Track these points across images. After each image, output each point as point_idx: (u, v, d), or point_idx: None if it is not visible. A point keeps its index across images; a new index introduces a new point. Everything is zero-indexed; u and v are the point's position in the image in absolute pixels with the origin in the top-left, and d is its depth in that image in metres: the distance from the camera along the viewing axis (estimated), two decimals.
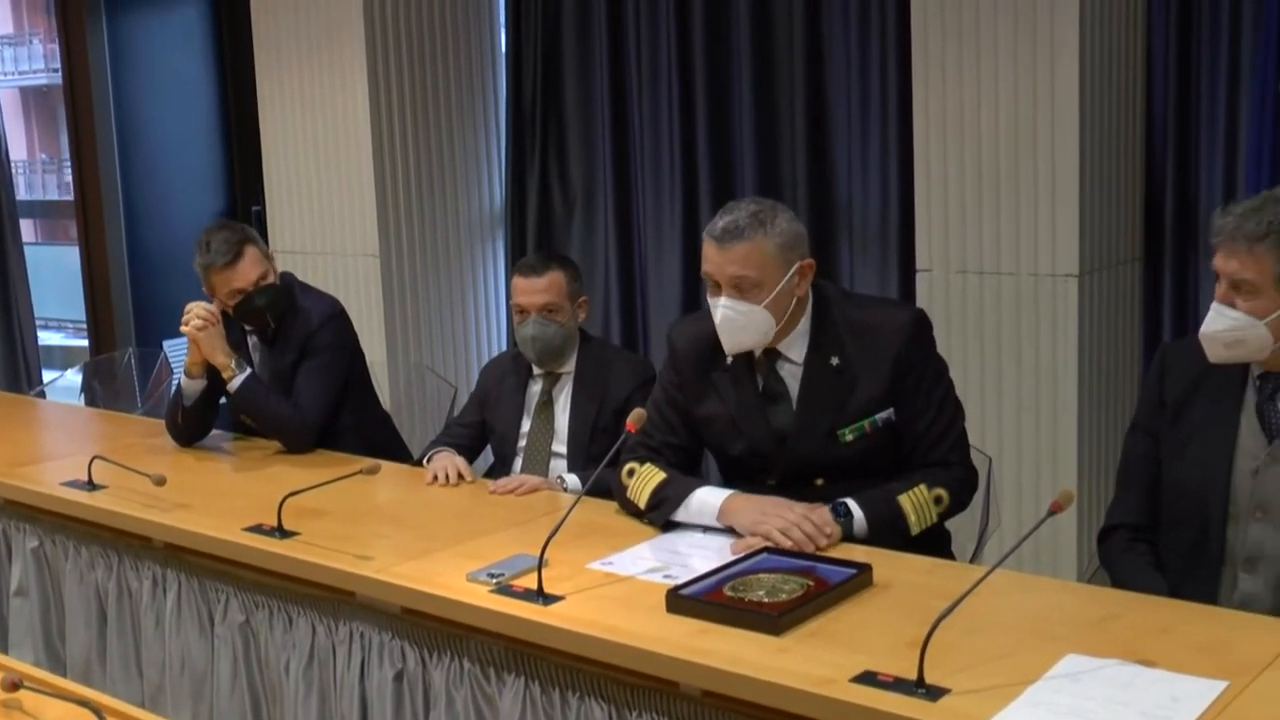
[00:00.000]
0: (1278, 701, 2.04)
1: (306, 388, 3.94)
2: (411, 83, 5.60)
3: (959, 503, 3.03)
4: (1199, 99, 4.33)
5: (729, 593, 2.52)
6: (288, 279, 4.09)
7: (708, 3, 5.22)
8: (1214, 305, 2.60)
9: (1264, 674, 2.13)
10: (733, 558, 2.74)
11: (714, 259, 2.95)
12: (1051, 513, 2.27)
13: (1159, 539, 2.78)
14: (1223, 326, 2.57)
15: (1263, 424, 2.63)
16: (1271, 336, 2.55)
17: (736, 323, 2.93)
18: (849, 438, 2.98)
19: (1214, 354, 2.61)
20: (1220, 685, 2.08)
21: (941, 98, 4.25)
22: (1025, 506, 4.12)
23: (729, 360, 3.07)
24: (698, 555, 2.81)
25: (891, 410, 2.99)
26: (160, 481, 3.37)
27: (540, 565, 2.61)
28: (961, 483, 3.04)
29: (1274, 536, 2.59)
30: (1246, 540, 2.62)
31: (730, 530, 2.91)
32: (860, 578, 2.57)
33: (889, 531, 2.89)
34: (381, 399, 4.42)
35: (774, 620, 2.37)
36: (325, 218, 5.74)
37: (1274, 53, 3.87)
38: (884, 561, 2.69)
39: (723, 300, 2.93)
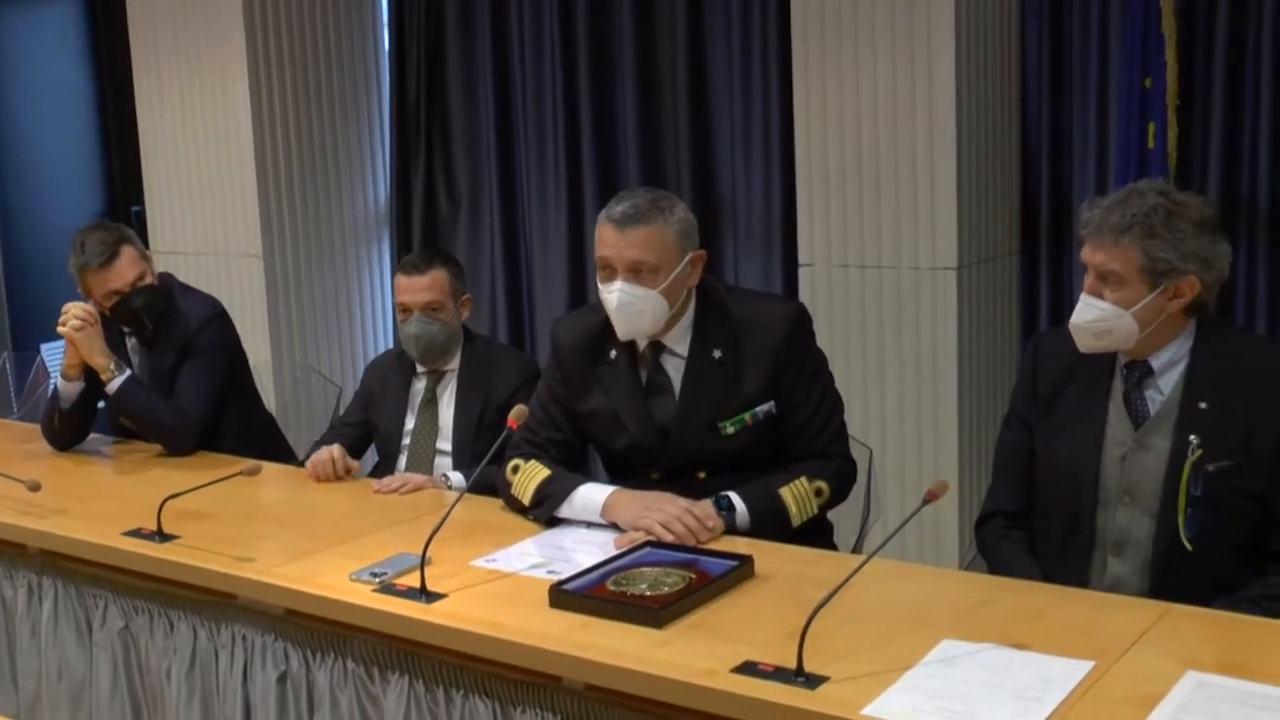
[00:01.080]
0: (1140, 678, 2.09)
1: (187, 389, 3.88)
2: (293, 80, 5.54)
3: (839, 494, 3.08)
4: (1071, 96, 4.45)
5: (612, 587, 2.54)
6: (167, 280, 4.02)
7: (590, 0, 5.23)
8: (1083, 297, 2.67)
9: (1129, 653, 2.19)
10: (616, 552, 2.75)
11: (613, 242, 2.95)
12: (926, 501, 2.32)
13: (1033, 525, 2.85)
14: (1091, 317, 2.64)
15: (1130, 412, 2.70)
16: (1138, 326, 2.62)
17: (633, 307, 2.94)
18: (730, 430, 3.01)
19: (1084, 344, 2.68)
20: (1088, 665, 2.14)
21: (822, 95, 4.31)
22: (908, 496, 4.19)
23: (613, 354, 3.09)
24: (581, 550, 2.82)
25: (772, 403, 3.03)
26: (35, 487, 3.30)
27: (423, 563, 2.60)
28: (842, 475, 3.08)
29: (1141, 521, 2.66)
30: (1115, 525, 2.69)
31: (615, 525, 2.92)
32: (742, 569, 2.60)
33: (771, 523, 2.93)
34: (266, 400, 4.37)
35: (656, 613, 2.39)
36: (207, 218, 5.66)
37: (1139, 51, 3.97)
38: (766, 553, 2.73)
39: (619, 284, 2.94)
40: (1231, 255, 2.74)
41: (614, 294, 2.95)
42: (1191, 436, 2.60)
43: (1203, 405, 2.62)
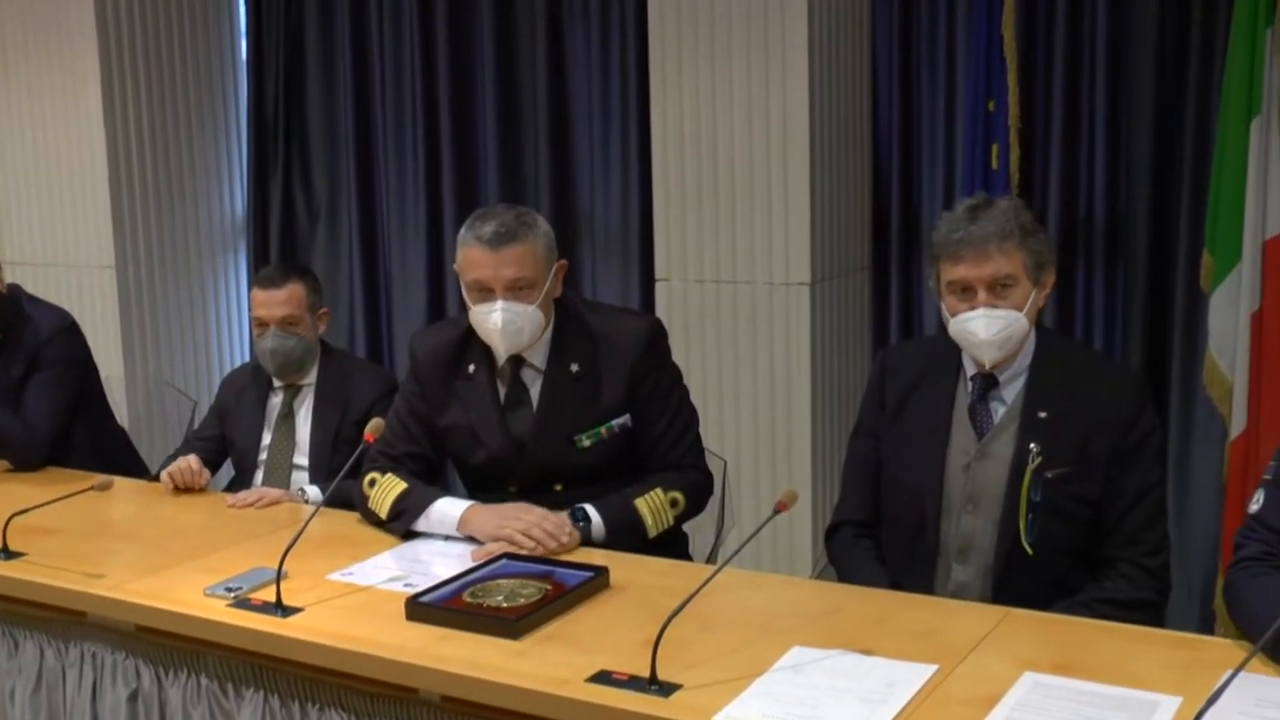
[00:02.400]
0: (981, 680, 2.17)
1: (35, 403, 3.80)
2: (148, 87, 5.44)
3: (694, 506, 3.13)
4: (920, 118, 4.59)
5: (468, 599, 2.55)
6: (14, 291, 3.93)
7: (451, 10, 5.24)
8: (980, 311, 2.68)
9: (970, 656, 2.27)
10: (473, 564, 2.76)
11: (487, 263, 2.96)
12: (776, 511, 2.38)
13: (881, 534, 2.93)
14: (1000, 326, 2.68)
15: (973, 422, 2.80)
16: (1029, 326, 2.71)
17: (516, 324, 2.97)
18: (587, 443, 3.05)
19: (990, 357, 2.71)
20: (931, 669, 2.21)
21: (679, 113, 4.37)
22: (762, 507, 4.24)
23: (472, 368, 3.11)
24: (439, 562, 2.83)
25: (628, 416, 3.07)
26: None
27: (279, 577, 2.59)
28: (697, 486, 3.14)
29: (984, 528, 2.76)
30: (959, 532, 2.78)
31: (472, 539, 2.94)
32: (597, 580, 2.63)
33: (627, 535, 2.97)
34: (119, 414, 4.29)
35: (512, 624, 2.41)
36: (57, 228, 5.52)
37: (983, 75, 4.11)
38: (621, 564, 2.76)
39: (500, 304, 2.95)
40: (1058, 267, 2.85)
41: (496, 313, 2.95)
42: (1032, 445, 2.71)
43: (1042, 414, 2.73)
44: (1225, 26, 3.89)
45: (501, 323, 2.95)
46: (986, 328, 2.68)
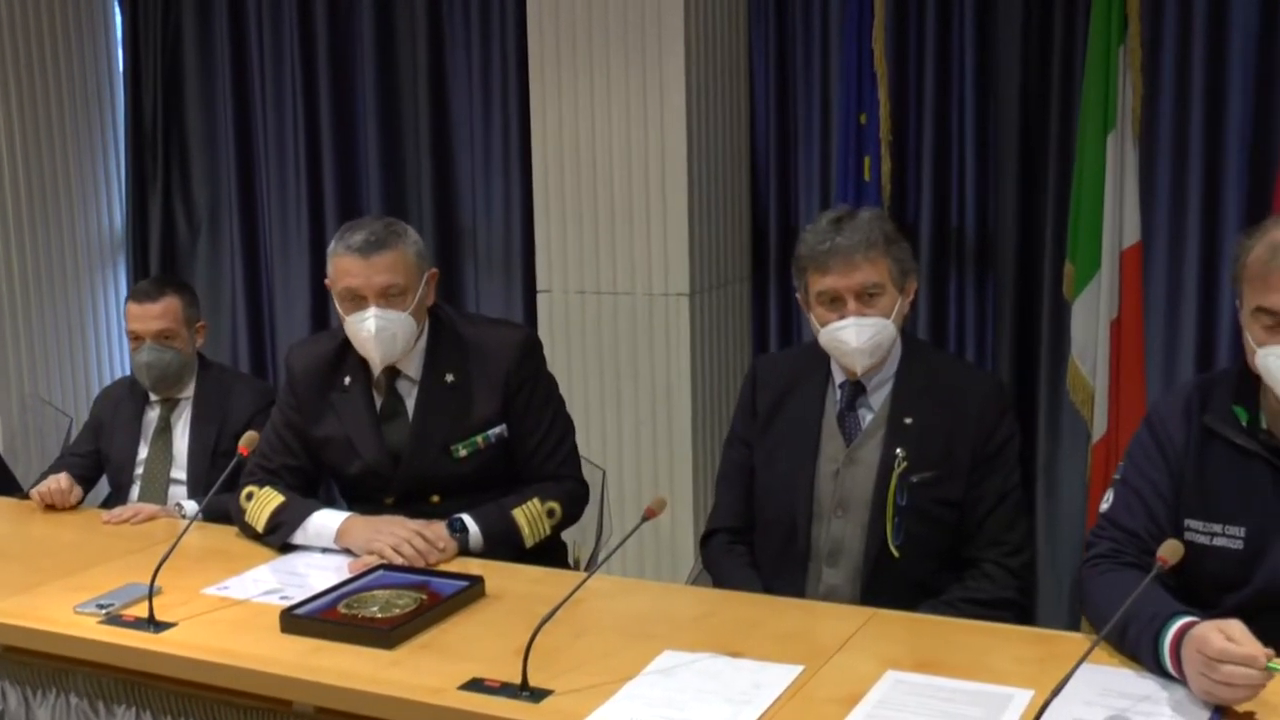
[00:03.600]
0: (845, 679, 2.23)
1: None
2: (20, 99, 5.35)
3: (571, 515, 3.17)
4: (796, 131, 4.68)
5: (343, 610, 2.56)
6: None
7: (331, 24, 5.24)
8: (850, 320, 2.74)
9: (835, 656, 2.33)
10: (349, 576, 2.77)
11: (359, 271, 2.97)
12: (645, 518, 2.42)
13: (754, 540, 2.99)
14: (871, 334, 2.75)
15: (842, 429, 2.87)
16: (895, 332, 2.79)
17: (389, 331, 2.98)
18: (463, 453, 3.07)
19: (861, 365, 2.78)
20: (797, 669, 2.27)
21: (558, 125, 4.42)
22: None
23: (348, 380, 3.12)
24: (316, 575, 2.83)
25: (504, 426, 3.10)
26: None
27: (151, 593, 2.58)
28: (573, 496, 3.17)
29: (853, 532, 2.83)
30: (829, 536, 2.85)
31: (350, 551, 2.95)
32: (472, 589, 2.66)
33: (504, 544, 3.00)
34: None
35: (386, 634, 2.42)
36: None
37: (854, 89, 4.20)
38: (497, 573, 2.79)
39: (373, 311, 2.97)
40: (929, 277, 2.94)
41: (370, 320, 2.97)
42: (898, 450, 2.78)
43: (908, 420, 2.80)
44: (1084, 44, 4.03)
45: (375, 329, 2.96)
46: (857, 336, 2.74)
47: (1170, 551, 2.10)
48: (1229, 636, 2.02)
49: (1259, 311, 2.22)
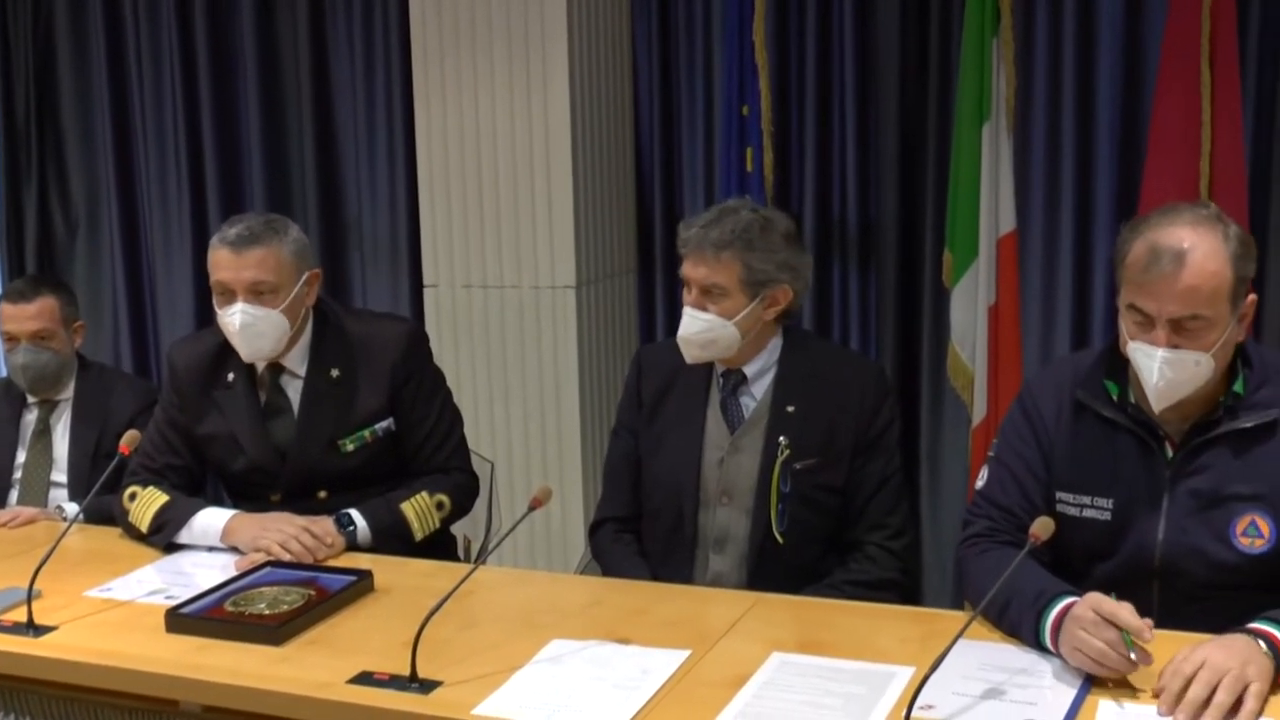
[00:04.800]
0: (731, 662, 2.27)
1: None
2: None
3: (460, 507, 3.17)
4: (680, 123, 4.72)
5: (230, 608, 2.54)
6: None
7: (211, 18, 5.16)
8: (687, 310, 2.85)
9: (722, 640, 2.37)
10: (236, 574, 2.75)
11: (230, 265, 2.95)
12: (531, 509, 2.43)
13: (642, 528, 3.02)
14: (698, 329, 2.82)
15: (726, 417, 2.91)
16: (739, 334, 2.82)
17: (255, 328, 2.95)
18: (350, 448, 3.06)
19: (690, 355, 2.86)
20: (684, 654, 2.30)
21: (442, 121, 4.41)
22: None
23: (231, 377, 3.09)
24: (202, 574, 2.81)
25: (391, 420, 3.10)
26: None
27: (30, 596, 2.53)
28: (462, 488, 3.18)
29: (738, 519, 2.87)
30: (715, 524, 2.89)
31: (237, 549, 2.92)
32: (361, 584, 2.65)
33: (393, 539, 2.99)
34: None
35: (274, 631, 2.41)
36: None
37: (736, 81, 4.25)
38: (387, 567, 2.79)
39: (240, 305, 2.94)
40: (814, 266, 2.99)
41: (235, 316, 2.95)
42: (781, 438, 2.83)
43: (790, 409, 2.85)
44: (960, 37, 4.11)
45: (239, 325, 2.94)
46: (687, 326, 2.83)
47: (1042, 528, 2.16)
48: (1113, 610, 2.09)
49: (1133, 309, 2.30)
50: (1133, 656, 2.06)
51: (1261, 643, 2.05)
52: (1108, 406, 2.43)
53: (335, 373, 3.07)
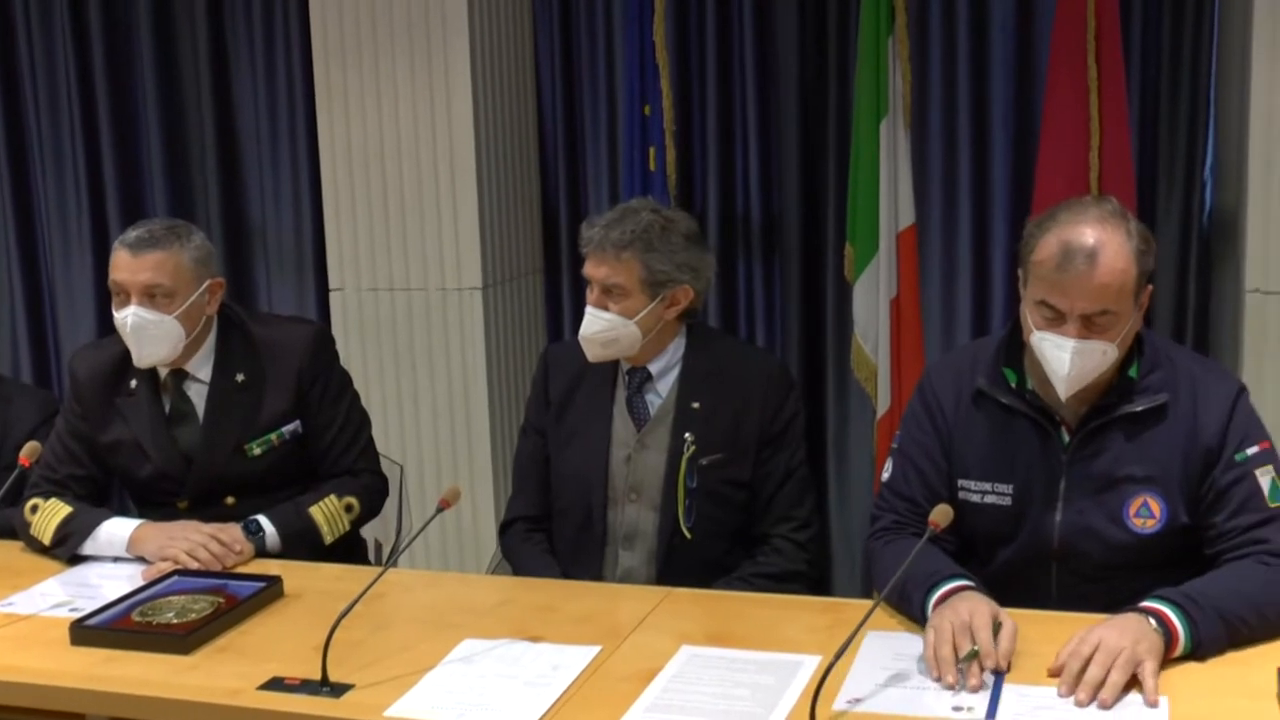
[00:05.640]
0: (641, 656, 2.30)
1: None
2: None
3: (370, 510, 3.17)
4: (584, 123, 4.74)
5: (137, 618, 2.53)
6: None
7: (107, 21, 5.07)
8: (588, 309, 2.88)
9: (632, 635, 2.40)
10: (143, 584, 2.73)
11: (126, 266, 2.94)
12: (439, 509, 2.44)
13: (552, 526, 3.04)
14: (599, 328, 2.85)
15: (632, 415, 2.94)
16: (641, 333, 2.85)
17: (146, 332, 2.93)
18: (257, 451, 3.05)
19: (592, 353, 2.89)
20: (594, 650, 2.33)
21: (345, 123, 4.39)
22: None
23: (134, 383, 3.06)
24: (109, 585, 2.78)
25: (298, 423, 3.09)
26: None
27: None
28: (371, 490, 3.17)
29: (647, 515, 2.90)
30: (624, 520, 2.92)
31: (144, 559, 2.89)
32: (270, 590, 2.64)
33: (303, 543, 2.98)
34: None
35: (182, 639, 2.40)
36: None
37: (637, 81, 4.28)
38: (296, 572, 2.78)
39: (133, 308, 2.92)
40: (717, 266, 3.03)
41: (128, 317, 2.93)
42: (687, 434, 2.87)
43: (695, 405, 2.89)
44: (857, 35, 4.17)
45: (131, 326, 2.93)
46: (588, 325, 2.86)
47: (940, 515, 2.22)
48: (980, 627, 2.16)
49: (1043, 305, 2.35)
50: (959, 668, 2.11)
51: (1152, 620, 2.12)
52: (1006, 394, 2.50)
53: (241, 377, 3.05)
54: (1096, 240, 2.29)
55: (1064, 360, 2.32)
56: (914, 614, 2.35)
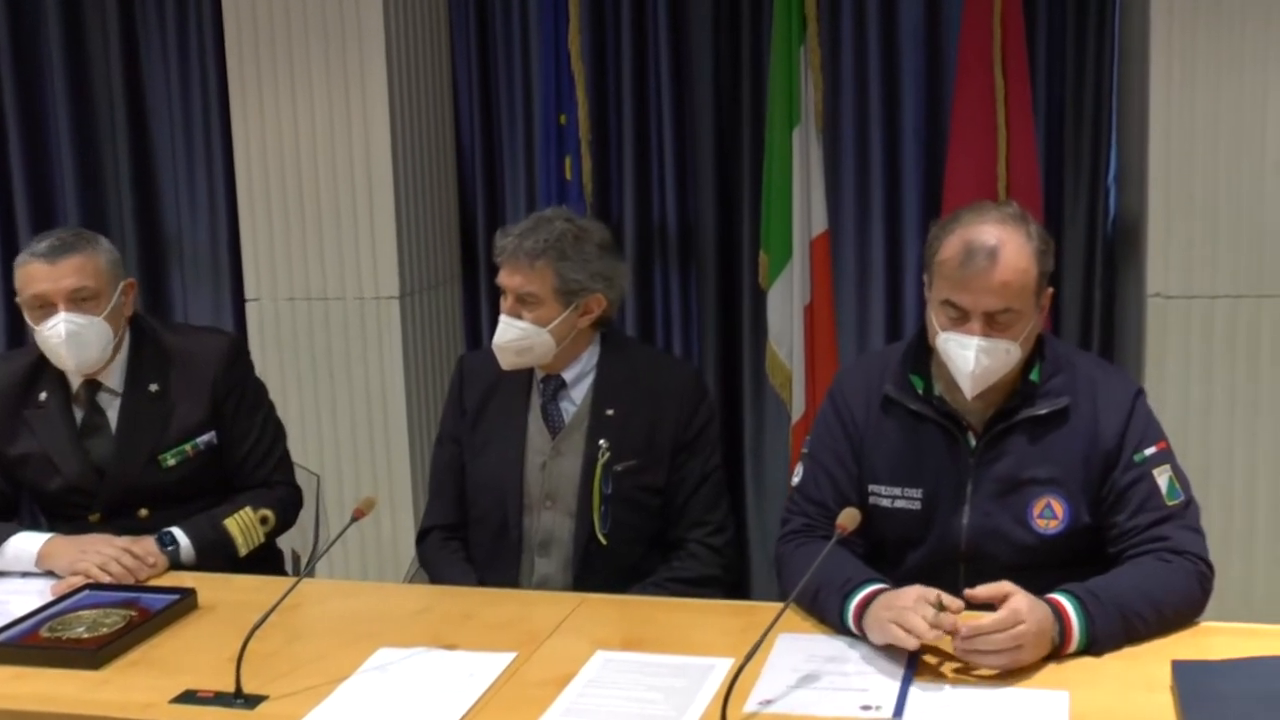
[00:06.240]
0: (556, 662, 2.31)
1: None
2: None
3: (285, 521, 3.16)
4: (501, 132, 4.75)
5: (46, 634, 2.50)
6: None
7: (14, 25, 4.99)
8: (502, 318, 2.89)
9: (547, 641, 2.42)
10: (52, 599, 2.70)
11: (45, 276, 2.91)
12: (354, 519, 2.45)
13: (468, 534, 3.05)
14: (513, 336, 2.87)
15: (547, 422, 2.96)
16: (554, 342, 2.87)
17: (81, 336, 2.91)
18: (171, 462, 3.03)
19: (506, 361, 2.90)
20: (510, 656, 2.34)
21: (260, 131, 4.37)
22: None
23: (43, 396, 3.04)
24: (16, 601, 2.74)
25: (213, 434, 3.07)
26: None
27: None
28: (286, 502, 3.17)
29: (562, 522, 2.92)
30: (540, 527, 2.93)
31: (54, 573, 2.87)
32: (184, 603, 2.63)
33: (217, 555, 2.97)
34: None
35: (93, 654, 2.38)
36: None
37: (553, 90, 4.30)
38: (211, 585, 2.76)
39: (62, 315, 2.90)
40: (633, 274, 3.05)
41: (59, 325, 2.90)
42: (601, 441, 2.89)
43: (610, 412, 2.91)
44: (770, 45, 4.22)
45: (65, 333, 2.90)
46: (502, 333, 2.88)
47: (848, 519, 2.26)
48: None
49: (948, 304, 2.40)
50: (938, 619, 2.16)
51: (1051, 609, 2.19)
52: (914, 400, 2.54)
53: (154, 387, 3.03)
54: (998, 240, 2.35)
55: (968, 359, 2.37)
56: (831, 620, 2.37)
